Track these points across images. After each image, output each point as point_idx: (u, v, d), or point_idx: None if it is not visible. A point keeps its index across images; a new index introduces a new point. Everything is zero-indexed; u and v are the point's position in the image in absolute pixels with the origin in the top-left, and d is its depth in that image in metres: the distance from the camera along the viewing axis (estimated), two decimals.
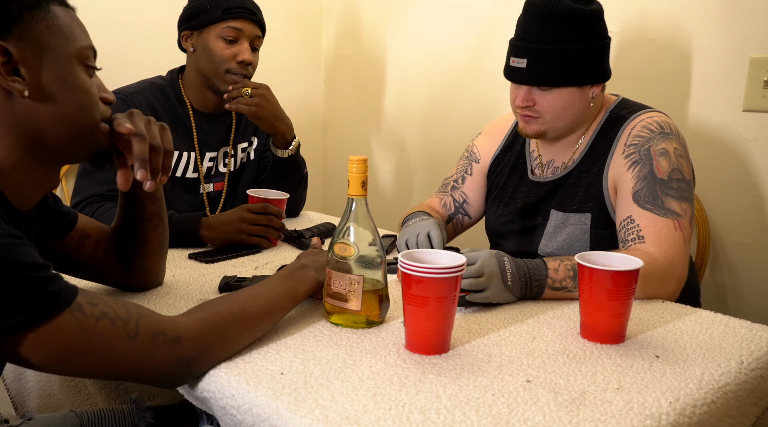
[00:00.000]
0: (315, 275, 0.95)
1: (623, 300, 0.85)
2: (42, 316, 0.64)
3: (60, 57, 0.75)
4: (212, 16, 1.42)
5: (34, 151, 0.76)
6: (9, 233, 0.65)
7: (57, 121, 0.75)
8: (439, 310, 0.80)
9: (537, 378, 0.76)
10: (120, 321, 0.70)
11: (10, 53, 0.72)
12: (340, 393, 0.71)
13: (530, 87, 1.20)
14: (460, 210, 1.45)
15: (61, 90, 0.75)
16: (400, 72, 2.23)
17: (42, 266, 0.66)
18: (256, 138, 1.61)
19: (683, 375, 0.77)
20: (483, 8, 1.94)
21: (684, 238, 1.11)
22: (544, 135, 1.25)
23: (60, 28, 0.76)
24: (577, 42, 1.16)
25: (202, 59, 1.44)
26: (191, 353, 0.74)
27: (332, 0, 2.40)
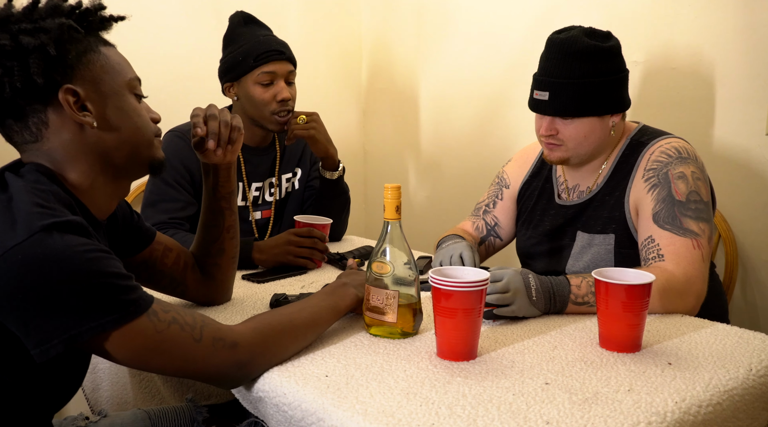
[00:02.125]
0: (355, 292, 1.05)
1: (637, 312, 0.93)
2: (124, 318, 0.77)
3: (116, 90, 0.88)
4: (246, 66, 1.54)
5: (105, 171, 0.89)
6: (99, 247, 0.77)
7: (120, 144, 0.89)
8: (465, 320, 0.90)
9: (555, 381, 0.84)
10: (187, 327, 0.82)
11: (78, 93, 0.84)
12: (378, 392, 0.81)
13: (553, 117, 1.30)
14: (492, 233, 1.54)
15: (120, 117, 0.88)
16: (435, 103, 2.35)
17: (126, 276, 0.79)
18: (300, 169, 1.74)
19: (692, 379, 0.84)
20: (512, 42, 2.05)
21: (702, 256, 1.17)
22: (568, 161, 1.34)
23: (112, 66, 0.89)
24: (594, 76, 1.26)
25: (247, 105, 1.57)
26: (246, 358, 0.86)
27: (370, 37, 2.56)
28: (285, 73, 1.57)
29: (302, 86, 2.45)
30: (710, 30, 1.60)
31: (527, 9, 1.99)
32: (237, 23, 1.60)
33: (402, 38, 2.43)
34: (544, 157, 1.37)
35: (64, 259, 0.73)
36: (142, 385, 1.17)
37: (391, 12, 2.45)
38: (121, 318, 0.76)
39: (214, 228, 1.12)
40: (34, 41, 0.80)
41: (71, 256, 0.73)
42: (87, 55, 0.86)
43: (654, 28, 1.70)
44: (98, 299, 0.75)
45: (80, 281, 0.73)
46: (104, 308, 0.75)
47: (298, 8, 2.39)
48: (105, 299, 0.75)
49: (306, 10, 2.41)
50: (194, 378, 0.88)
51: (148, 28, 2.00)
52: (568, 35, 1.28)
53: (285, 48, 1.60)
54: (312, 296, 1.02)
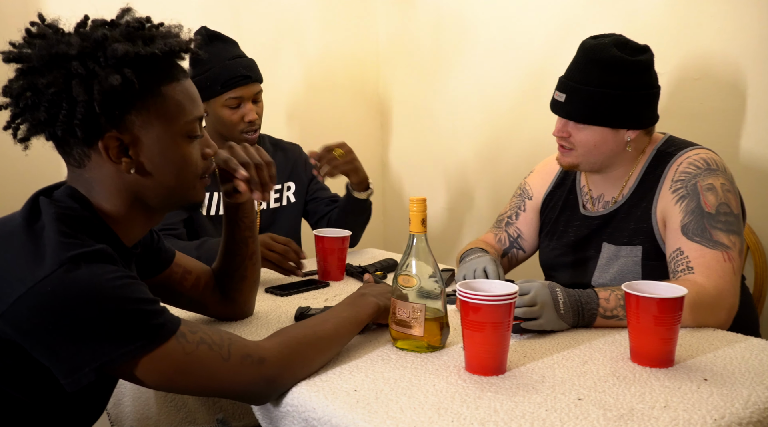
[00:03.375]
0: (375, 301, 1.04)
1: (670, 326, 0.91)
2: (153, 343, 0.77)
3: (165, 136, 0.85)
4: (213, 91, 1.61)
5: (139, 206, 0.88)
6: (126, 274, 0.78)
7: (157, 188, 0.87)
8: (494, 334, 0.89)
9: (588, 396, 0.82)
10: (216, 346, 0.82)
11: (122, 139, 0.82)
12: (408, 407, 0.80)
13: (566, 120, 1.30)
14: (515, 245, 1.52)
15: (164, 165, 0.86)
16: (453, 115, 2.35)
17: (153, 301, 0.79)
18: (293, 184, 1.79)
19: (730, 396, 0.82)
20: (533, 53, 2.04)
21: (734, 269, 1.15)
22: (577, 167, 1.34)
23: (169, 109, 0.85)
24: (612, 87, 1.24)
25: (216, 124, 1.65)
26: (274, 372, 0.86)
27: (387, 49, 2.57)
28: (251, 94, 1.64)
29: (320, 99, 2.49)
30: (736, 39, 1.58)
31: (548, 18, 1.99)
32: (201, 43, 1.62)
33: (419, 50, 2.43)
34: (556, 159, 1.37)
35: (92, 288, 0.74)
36: (167, 400, 1.17)
37: (408, 23, 2.46)
38: (151, 343, 0.77)
39: (237, 256, 1.10)
40: (83, 95, 0.78)
41: (99, 285, 0.74)
42: (142, 100, 0.83)
43: (678, 37, 1.69)
44: (127, 326, 0.75)
45: (109, 309, 0.74)
46: (133, 335, 0.76)
47: (315, 21, 2.41)
48: (134, 326, 0.76)
49: (323, 23, 2.43)
50: (223, 396, 0.88)
51: None
52: (598, 42, 1.27)
53: (251, 70, 1.65)
54: (333, 308, 1.02)
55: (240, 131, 1.64)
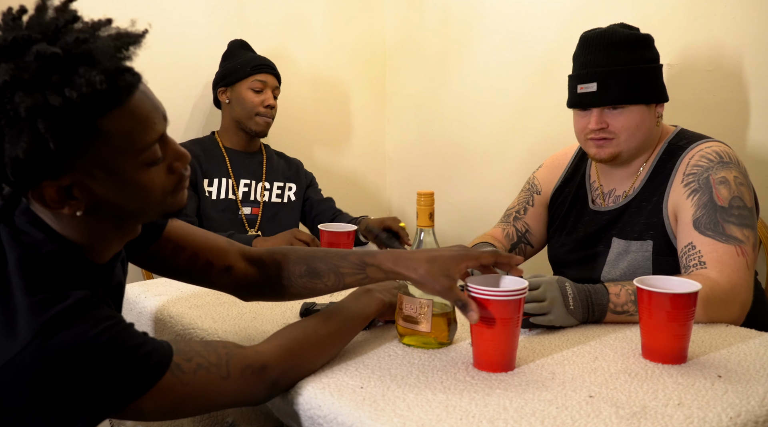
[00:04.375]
0: (380, 297, 1.02)
1: (683, 322, 0.89)
2: (147, 385, 0.73)
3: (117, 173, 0.72)
4: (242, 73, 1.86)
5: (109, 227, 0.79)
6: (109, 323, 0.70)
7: (120, 216, 0.78)
8: (504, 330, 0.87)
9: (599, 394, 0.81)
10: (214, 367, 0.78)
11: (61, 184, 0.70)
12: (416, 404, 0.79)
13: (601, 109, 1.27)
14: (523, 240, 1.50)
15: (119, 198, 0.74)
16: (460, 109, 2.33)
17: (140, 344, 0.73)
18: (295, 185, 1.96)
19: (745, 393, 0.80)
20: (540, 46, 2.02)
21: (747, 263, 1.12)
22: (619, 157, 1.30)
23: (114, 144, 0.70)
24: (641, 62, 1.26)
25: (236, 107, 1.87)
26: (276, 375, 0.83)
27: (394, 42, 2.55)
28: (273, 85, 1.90)
29: (327, 92, 2.47)
30: (747, 31, 1.55)
31: (555, 12, 1.96)
32: (236, 46, 1.95)
33: (426, 43, 2.41)
34: (592, 156, 1.33)
35: (77, 353, 0.68)
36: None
37: (415, 17, 2.44)
38: (144, 386, 0.72)
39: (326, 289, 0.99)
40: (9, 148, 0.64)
41: (83, 347, 0.68)
42: (84, 141, 0.68)
43: (688, 29, 1.66)
44: (118, 378, 0.71)
45: (98, 368, 0.69)
46: (126, 384, 0.71)
47: (322, 15, 2.39)
48: (125, 376, 0.71)
49: (330, 17, 2.41)
50: (226, 408, 0.85)
51: (173, 38, 2.01)
52: (606, 29, 1.28)
53: (273, 65, 1.92)
54: (337, 305, 1.00)
55: (256, 114, 1.85)
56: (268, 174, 1.93)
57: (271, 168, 1.94)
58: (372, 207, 2.53)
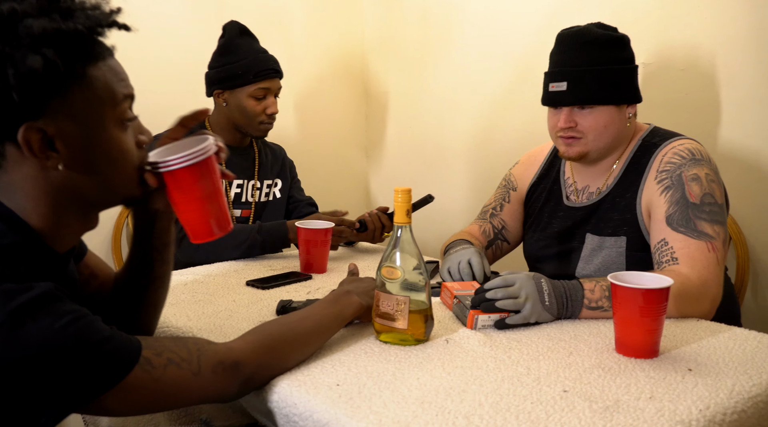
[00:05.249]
0: (359, 300, 1.02)
1: (655, 317, 0.90)
2: (116, 378, 0.71)
3: (96, 124, 0.75)
4: (244, 80, 1.67)
5: (72, 209, 0.78)
6: (77, 315, 0.69)
7: (93, 185, 0.77)
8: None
9: (573, 388, 0.81)
10: (185, 363, 0.77)
11: (45, 130, 0.71)
12: (391, 401, 0.79)
13: (571, 108, 1.28)
14: (499, 236, 1.51)
15: (98, 156, 0.76)
16: (438, 106, 2.33)
17: (108, 338, 0.71)
18: (280, 180, 1.85)
19: (714, 386, 0.82)
20: (518, 44, 2.03)
21: (717, 259, 1.14)
22: (587, 156, 1.31)
23: (96, 92, 0.74)
24: (613, 63, 1.26)
25: (235, 113, 1.70)
26: (249, 373, 0.82)
27: (372, 40, 2.54)
28: (276, 89, 1.73)
29: (305, 90, 2.45)
30: (719, 31, 1.58)
31: (534, 10, 1.98)
32: (234, 34, 1.70)
33: (405, 41, 2.41)
34: (561, 154, 1.34)
35: (44, 345, 0.66)
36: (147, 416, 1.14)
37: (394, 15, 2.44)
38: (112, 381, 0.71)
39: (140, 277, 0.95)
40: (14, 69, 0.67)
41: (51, 340, 0.66)
42: (65, 84, 0.71)
43: (662, 29, 1.68)
44: (85, 371, 0.69)
45: (64, 361, 0.67)
46: (92, 377, 0.70)
47: (300, 12, 2.37)
48: (92, 369, 0.69)
49: (308, 14, 2.39)
50: (197, 404, 0.84)
51: (149, 31, 1.97)
52: (581, 28, 1.29)
53: (279, 66, 1.75)
54: (315, 304, 1.00)
55: (259, 122, 1.70)
56: (260, 172, 1.81)
57: (263, 165, 1.83)
58: (352, 205, 2.52)
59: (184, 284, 1.35)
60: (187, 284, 1.34)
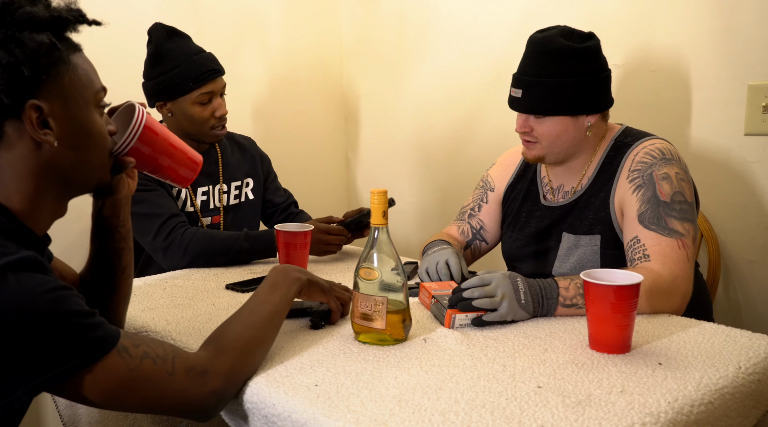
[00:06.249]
0: (297, 275, 1.01)
1: (626, 313, 0.92)
2: (92, 358, 0.72)
3: (81, 105, 0.82)
4: (184, 88, 1.57)
5: (50, 191, 0.82)
6: (58, 284, 0.72)
7: (79, 163, 0.83)
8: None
9: (547, 384, 0.83)
10: (160, 360, 0.78)
11: (42, 109, 0.78)
12: (369, 400, 0.80)
13: (527, 115, 1.32)
14: (478, 236, 1.53)
15: (83, 135, 0.82)
16: (417, 108, 2.35)
17: (89, 313, 0.73)
18: (252, 180, 1.78)
19: (683, 379, 0.84)
20: (494, 46, 2.06)
21: (687, 256, 1.17)
22: (544, 159, 1.35)
23: (80, 77, 0.82)
24: (566, 76, 1.27)
25: (183, 122, 1.61)
26: (218, 383, 0.82)
27: (350, 43, 2.55)
28: (220, 89, 1.63)
29: (283, 93, 2.46)
30: (689, 32, 1.62)
31: (508, 13, 2.00)
32: (161, 38, 1.59)
33: (383, 44, 2.42)
34: (522, 154, 1.39)
35: (24, 304, 0.67)
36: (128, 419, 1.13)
37: (371, 18, 2.45)
38: (89, 358, 0.72)
39: (108, 269, 1.00)
40: (8, 58, 0.74)
41: (30, 299, 0.68)
42: (57, 67, 0.79)
43: (633, 31, 1.72)
44: (63, 343, 0.70)
45: (42, 326, 0.68)
46: (70, 351, 0.70)
47: (278, 14, 2.37)
48: (70, 342, 0.70)
49: (286, 17, 2.40)
50: (171, 414, 0.83)
51: (121, 33, 1.96)
52: (545, 35, 1.30)
53: (218, 64, 1.63)
54: (257, 295, 0.97)
55: (210, 127, 1.62)
56: (225, 174, 1.74)
57: (228, 165, 1.75)
58: (331, 207, 2.53)
59: (163, 288, 1.34)
60: (166, 289, 1.34)
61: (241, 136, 1.85)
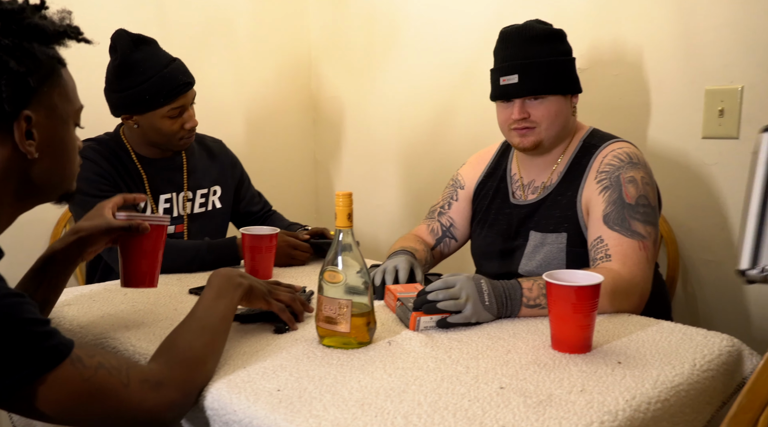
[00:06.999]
0: (239, 280, 1.00)
1: (587, 312, 0.94)
2: (45, 368, 0.70)
3: (63, 119, 0.84)
4: (154, 104, 1.50)
5: (17, 198, 0.82)
6: (11, 291, 0.71)
7: (50, 174, 0.84)
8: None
9: (509, 385, 0.84)
10: (115, 371, 0.76)
11: (31, 119, 0.79)
12: (332, 404, 0.79)
13: (523, 100, 1.33)
14: (447, 234, 1.54)
15: (60, 148, 0.84)
16: (385, 111, 2.35)
17: (42, 322, 0.72)
18: (219, 188, 1.72)
19: (641, 377, 0.86)
20: (462, 50, 2.07)
21: (647, 257, 1.20)
22: (541, 145, 1.36)
23: (66, 92, 0.84)
24: (557, 55, 1.34)
25: (150, 133, 1.55)
26: (173, 394, 0.80)
27: (319, 45, 2.54)
28: (191, 100, 1.57)
29: (251, 95, 2.43)
30: (650, 38, 1.66)
31: (476, 15, 2.02)
32: (127, 48, 1.49)
33: (351, 46, 2.42)
34: (516, 145, 1.38)
35: None
36: None
37: (340, 19, 2.45)
38: (42, 368, 0.70)
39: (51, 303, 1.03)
40: (18, 67, 0.76)
41: None
42: (51, 80, 0.81)
43: (596, 36, 1.75)
44: (15, 351, 0.68)
45: None
46: (21, 361, 0.68)
47: (246, 17, 2.35)
48: (21, 351, 0.68)
49: (254, 19, 2.38)
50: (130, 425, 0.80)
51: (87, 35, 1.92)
52: (523, 24, 1.36)
53: (188, 75, 1.56)
54: (202, 302, 0.95)
55: (179, 139, 1.57)
56: (190, 181, 1.66)
57: (194, 172, 1.68)
58: (299, 211, 2.52)
59: (124, 293, 1.31)
60: (127, 294, 1.31)
61: (211, 139, 1.79)
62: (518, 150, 1.40)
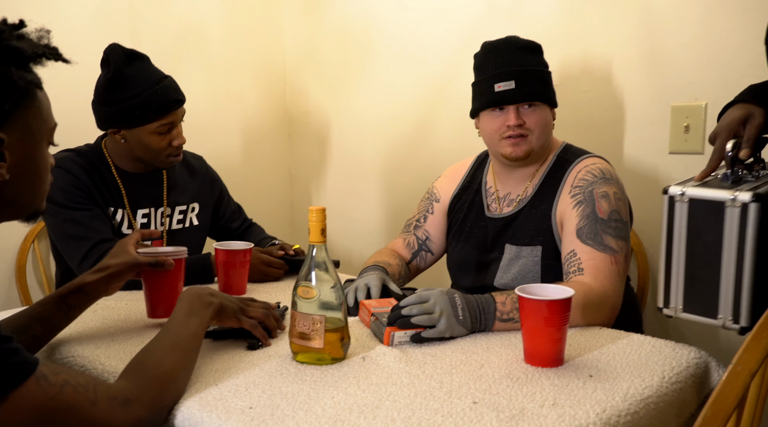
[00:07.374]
0: (210, 299, 1.01)
1: (559, 326, 0.95)
2: (8, 385, 0.69)
3: (37, 139, 0.83)
4: (144, 119, 1.49)
5: None
6: None
7: (21, 194, 0.82)
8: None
9: (482, 400, 0.84)
10: (81, 388, 0.75)
11: (3, 141, 0.78)
12: (305, 422, 0.79)
13: (517, 107, 1.34)
14: (423, 247, 1.55)
15: (31, 168, 0.83)
16: (361, 124, 2.36)
17: (5, 338, 0.70)
18: (198, 205, 1.70)
19: (612, 390, 0.87)
20: (438, 64, 2.10)
21: (619, 271, 1.22)
22: (532, 154, 1.37)
23: (41, 112, 0.83)
24: (544, 66, 1.39)
25: (137, 149, 1.54)
26: (142, 412, 0.79)
27: (294, 59, 2.55)
28: (180, 117, 1.56)
29: (227, 109, 2.42)
30: (618, 56, 1.70)
31: (450, 30, 2.05)
32: (121, 62, 1.49)
33: (326, 60, 2.43)
34: (508, 155, 1.36)
35: None
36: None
37: (315, 33, 2.46)
38: (6, 386, 0.68)
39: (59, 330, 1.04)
40: None
41: None
42: (24, 101, 0.80)
43: (567, 53, 1.79)
44: None
45: None
46: None
47: (221, 30, 2.35)
48: None
49: (229, 33, 2.37)
50: None
51: (59, 45, 1.89)
52: (509, 37, 1.40)
53: (180, 92, 1.55)
54: (173, 320, 0.95)
55: (166, 155, 1.55)
56: (170, 197, 1.65)
57: (174, 188, 1.66)
58: (274, 225, 2.50)
59: (94, 310, 1.29)
60: (97, 311, 1.29)
61: (192, 156, 1.77)
62: (508, 160, 1.37)
